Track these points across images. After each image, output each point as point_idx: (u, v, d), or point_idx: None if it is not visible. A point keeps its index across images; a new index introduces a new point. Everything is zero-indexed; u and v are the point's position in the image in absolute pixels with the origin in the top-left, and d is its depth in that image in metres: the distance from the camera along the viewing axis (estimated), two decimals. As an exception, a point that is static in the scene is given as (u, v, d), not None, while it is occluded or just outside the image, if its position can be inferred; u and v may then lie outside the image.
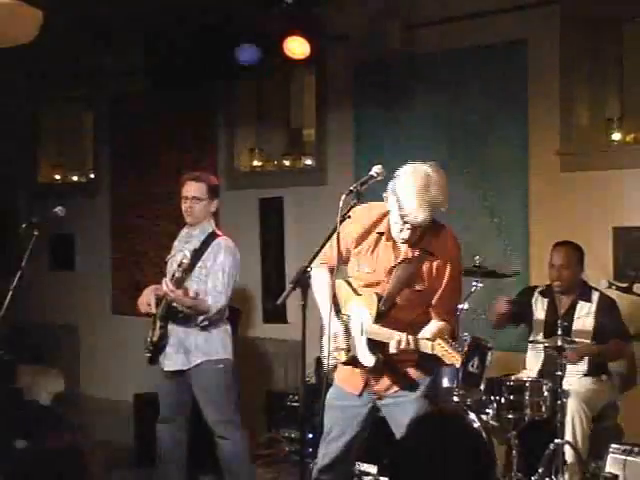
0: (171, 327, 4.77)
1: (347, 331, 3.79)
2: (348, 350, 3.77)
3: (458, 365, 3.50)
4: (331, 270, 3.87)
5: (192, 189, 4.79)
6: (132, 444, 6.08)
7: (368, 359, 3.73)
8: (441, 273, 3.69)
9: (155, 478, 5.02)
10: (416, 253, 3.67)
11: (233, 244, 4.84)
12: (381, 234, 3.74)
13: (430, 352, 3.51)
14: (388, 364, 3.75)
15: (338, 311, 3.82)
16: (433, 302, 3.71)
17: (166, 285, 4.59)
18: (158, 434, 4.89)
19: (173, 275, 4.67)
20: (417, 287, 3.68)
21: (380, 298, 3.70)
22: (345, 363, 3.82)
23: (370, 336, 3.70)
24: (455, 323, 3.92)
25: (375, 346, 3.70)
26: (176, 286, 4.60)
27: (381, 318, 3.70)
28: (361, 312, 3.76)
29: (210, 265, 4.70)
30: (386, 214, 3.72)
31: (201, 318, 4.69)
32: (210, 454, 4.93)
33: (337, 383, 3.92)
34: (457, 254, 3.76)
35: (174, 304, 4.67)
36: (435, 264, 3.68)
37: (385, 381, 3.80)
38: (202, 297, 4.66)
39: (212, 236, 4.81)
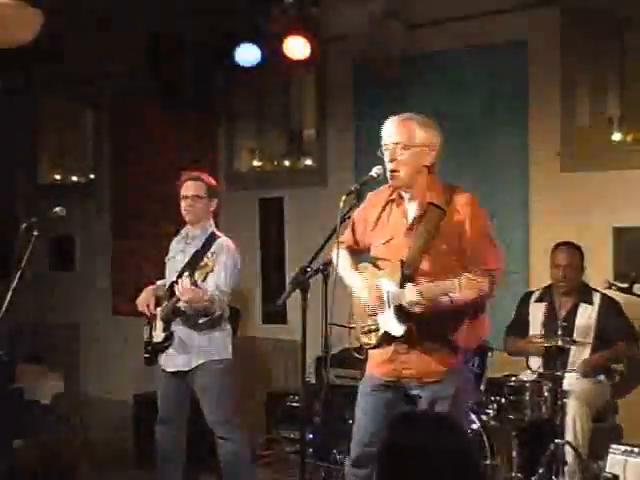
0: (173, 328, 4.78)
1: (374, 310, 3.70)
2: (377, 329, 3.68)
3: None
4: (350, 249, 3.87)
5: (192, 188, 4.82)
6: (132, 444, 6.08)
7: (397, 329, 3.61)
8: (462, 230, 3.59)
9: (154, 478, 5.02)
10: (424, 206, 3.63)
11: (233, 245, 4.86)
12: (392, 201, 3.74)
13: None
14: (420, 347, 3.64)
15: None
16: (466, 262, 3.56)
17: (184, 286, 4.53)
18: (157, 435, 4.88)
19: (180, 275, 4.68)
20: (441, 247, 3.56)
21: (403, 263, 3.60)
22: (375, 346, 3.72)
23: (396, 302, 3.58)
24: (500, 273, 3.64)
25: (404, 315, 3.58)
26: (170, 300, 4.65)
27: (408, 283, 3.57)
28: (386, 284, 3.66)
29: (211, 264, 4.70)
30: (396, 194, 3.73)
31: (205, 319, 4.70)
32: (210, 454, 4.93)
33: (369, 371, 3.81)
34: (477, 211, 3.64)
35: (184, 306, 4.67)
36: (454, 221, 3.59)
37: (416, 366, 3.66)
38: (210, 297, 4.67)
39: (213, 236, 4.84)
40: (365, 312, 3.73)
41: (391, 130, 3.66)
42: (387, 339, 3.69)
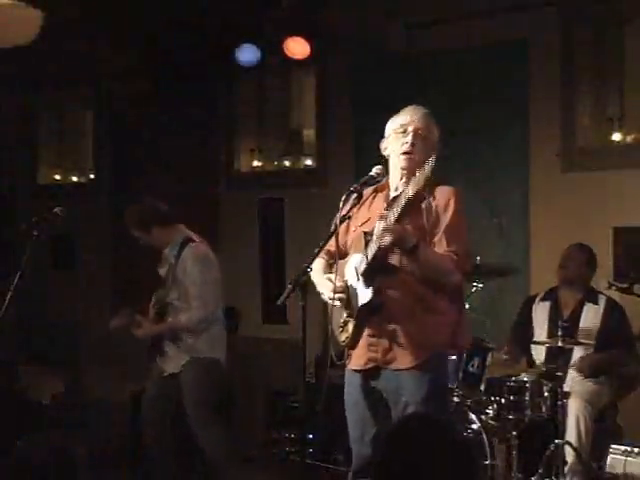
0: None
1: (348, 302, 3.63)
2: (352, 316, 3.60)
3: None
4: (329, 255, 3.78)
5: (133, 231, 4.99)
6: (131, 444, 6.08)
7: (365, 295, 3.53)
8: (441, 211, 3.54)
9: (153, 478, 5.03)
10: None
11: (203, 249, 4.84)
12: (376, 190, 3.71)
13: (408, 196, 3.33)
14: (391, 330, 3.54)
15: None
16: (435, 240, 3.51)
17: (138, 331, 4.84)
18: (146, 435, 4.92)
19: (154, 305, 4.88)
20: (407, 224, 3.45)
21: (366, 233, 3.52)
22: (353, 339, 3.61)
23: (361, 267, 3.52)
24: (466, 259, 3.65)
25: (370, 275, 3.51)
26: (156, 317, 4.84)
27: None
28: (353, 260, 3.62)
29: (181, 278, 4.74)
30: (383, 182, 3.70)
31: (188, 334, 4.77)
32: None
33: (349, 369, 3.71)
34: (458, 195, 3.61)
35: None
36: (434, 204, 3.53)
37: (384, 349, 3.56)
38: (179, 315, 4.76)
39: (184, 244, 4.83)
40: (340, 310, 3.65)
41: (415, 117, 3.63)
42: (362, 320, 3.58)
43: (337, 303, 3.61)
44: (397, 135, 3.64)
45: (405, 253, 3.46)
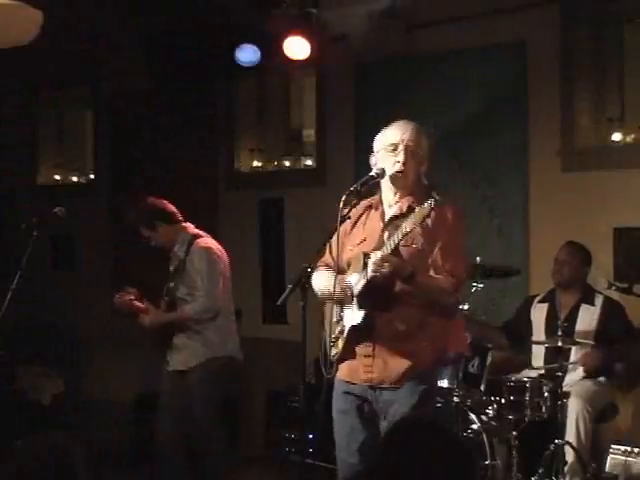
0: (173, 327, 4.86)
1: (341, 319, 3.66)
2: (343, 332, 3.63)
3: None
4: (328, 268, 3.80)
5: (141, 231, 4.98)
6: (132, 444, 6.08)
7: (357, 317, 3.56)
8: (439, 230, 3.55)
9: (154, 478, 5.02)
10: (405, 208, 3.57)
11: (211, 243, 4.92)
12: (370, 207, 3.73)
13: (405, 231, 3.33)
14: (383, 349, 3.58)
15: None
16: (431, 260, 3.53)
17: (143, 319, 4.84)
18: (156, 433, 4.91)
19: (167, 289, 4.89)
20: (413, 245, 3.49)
21: (365, 255, 3.53)
22: (343, 354, 3.65)
23: (357, 287, 3.55)
24: (462, 279, 3.66)
25: (364, 297, 3.54)
26: (167, 308, 4.85)
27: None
28: (350, 280, 3.63)
29: (190, 272, 4.80)
30: (376, 199, 3.72)
31: (192, 324, 4.79)
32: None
33: (338, 378, 3.73)
34: (456, 215, 3.61)
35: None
36: (430, 223, 3.51)
37: (377, 369, 3.59)
38: (184, 305, 4.81)
39: (192, 241, 4.88)
40: (333, 322, 3.68)
41: (405, 134, 3.63)
42: (352, 339, 3.62)
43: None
44: (387, 153, 3.64)
45: (402, 280, 3.50)
